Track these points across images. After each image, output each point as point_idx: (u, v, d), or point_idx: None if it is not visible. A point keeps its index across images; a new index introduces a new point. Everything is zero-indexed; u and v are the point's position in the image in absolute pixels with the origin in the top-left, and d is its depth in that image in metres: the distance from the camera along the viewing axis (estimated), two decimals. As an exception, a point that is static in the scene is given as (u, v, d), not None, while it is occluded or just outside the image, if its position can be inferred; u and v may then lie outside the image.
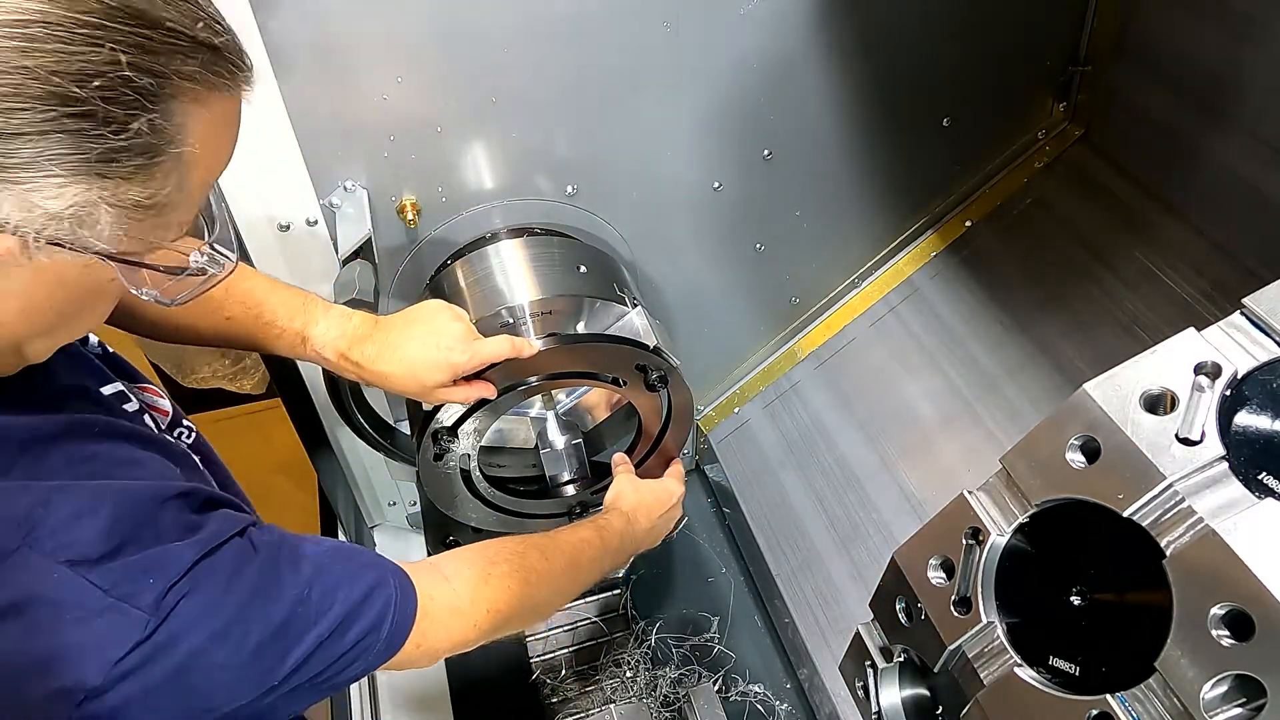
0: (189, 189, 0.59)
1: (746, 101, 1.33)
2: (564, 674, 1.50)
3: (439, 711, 1.44)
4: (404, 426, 1.39)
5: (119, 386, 0.77)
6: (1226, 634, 0.50)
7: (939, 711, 0.74)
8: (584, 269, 1.29)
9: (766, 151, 1.39)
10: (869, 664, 0.80)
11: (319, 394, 1.36)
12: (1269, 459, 0.54)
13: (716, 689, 1.42)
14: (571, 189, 1.33)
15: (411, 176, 1.25)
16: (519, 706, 1.46)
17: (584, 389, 1.40)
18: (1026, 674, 0.63)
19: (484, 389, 1.10)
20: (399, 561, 0.85)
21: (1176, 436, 0.56)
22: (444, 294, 1.28)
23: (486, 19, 1.14)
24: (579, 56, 1.21)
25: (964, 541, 0.67)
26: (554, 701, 1.47)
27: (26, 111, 0.50)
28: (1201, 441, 0.55)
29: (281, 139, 1.14)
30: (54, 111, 0.50)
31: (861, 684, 0.81)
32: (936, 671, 0.71)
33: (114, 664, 0.60)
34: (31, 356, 0.64)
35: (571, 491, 1.40)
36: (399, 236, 1.31)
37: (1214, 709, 0.51)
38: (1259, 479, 0.54)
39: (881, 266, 1.62)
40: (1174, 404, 0.57)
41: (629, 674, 1.48)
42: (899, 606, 0.75)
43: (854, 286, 1.64)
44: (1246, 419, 0.56)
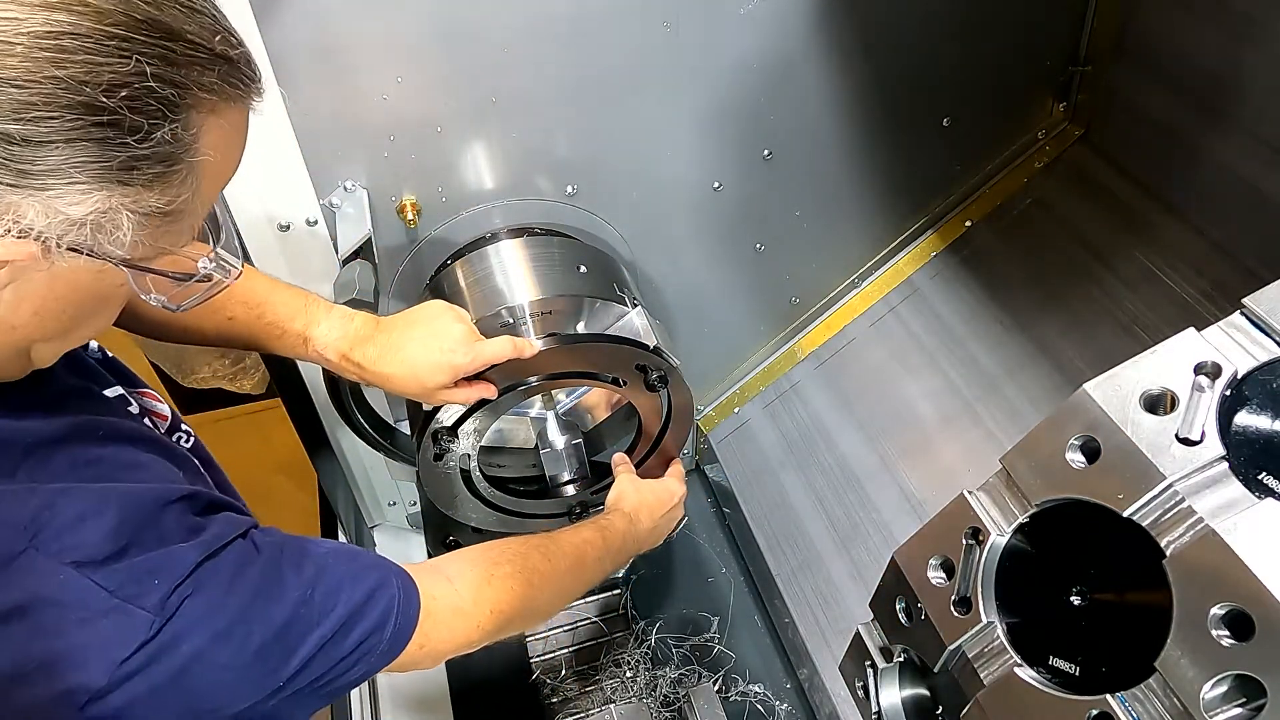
0: (202, 196, 0.60)
1: (746, 101, 1.33)
2: (564, 674, 1.50)
3: (439, 711, 1.44)
4: (404, 426, 1.39)
5: (120, 390, 0.78)
6: (1226, 634, 0.50)
7: (939, 711, 0.74)
8: (584, 269, 1.30)
9: (766, 151, 1.39)
10: (869, 664, 0.80)
11: (319, 394, 1.37)
12: (1269, 459, 0.54)
13: (716, 689, 1.42)
14: (571, 189, 1.33)
15: (411, 176, 1.25)
16: (519, 706, 1.46)
17: (584, 389, 1.40)
18: (1026, 674, 0.63)
19: (485, 390, 1.10)
20: (400, 562, 0.85)
21: (1176, 436, 0.56)
22: (444, 294, 1.28)
23: (486, 19, 1.14)
24: (579, 56, 1.21)
25: (964, 541, 0.67)
26: (554, 701, 1.47)
27: (55, 120, 0.51)
28: (1201, 441, 0.55)
29: (282, 139, 1.14)
30: (82, 120, 0.51)
31: (861, 684, 0.82)
32: (936, 671, 0.71)
33: (119, 664, 0.61)
34: (38, 361, 0.65)
35: (571, 491, 1.40)
36: (399, 236, 1.31)
37: (1214, 709, 0.51)
38: (1259, 479, 0.54)
39: (881, 266, 1.63)
40: (1174, 404, 0.57)
41: (629, 674, 1.48)
42: (899, 606, 0.75)
43: (854, 286, 1.64)
44: (1246, 419, 0.56)
